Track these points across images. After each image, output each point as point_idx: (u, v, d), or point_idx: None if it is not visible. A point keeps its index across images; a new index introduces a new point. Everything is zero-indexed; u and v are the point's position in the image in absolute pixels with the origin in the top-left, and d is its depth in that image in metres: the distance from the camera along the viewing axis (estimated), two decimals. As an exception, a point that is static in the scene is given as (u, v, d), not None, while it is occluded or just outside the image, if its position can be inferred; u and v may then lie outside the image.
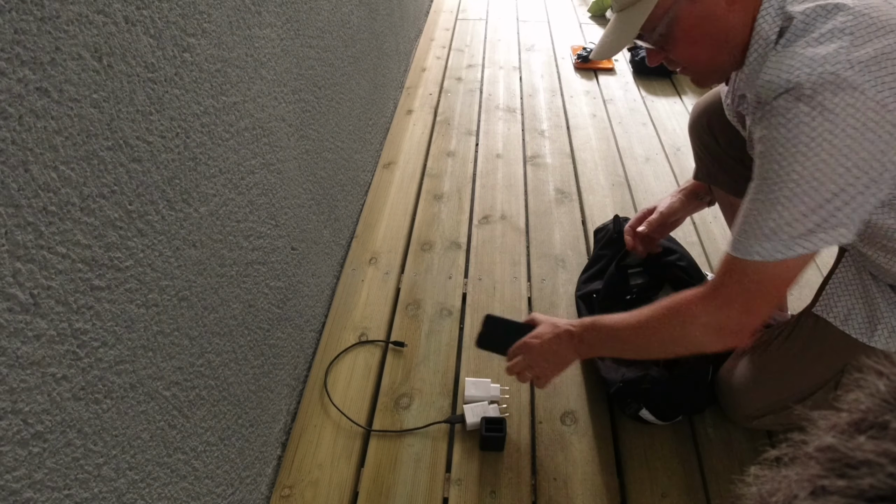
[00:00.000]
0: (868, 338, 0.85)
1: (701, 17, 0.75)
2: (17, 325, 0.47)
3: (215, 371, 0.80)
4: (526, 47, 2.63)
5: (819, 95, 0.64)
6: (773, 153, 0.68)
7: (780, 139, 0.67)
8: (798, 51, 0.67)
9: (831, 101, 0.63)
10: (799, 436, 0.25)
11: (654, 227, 1.17)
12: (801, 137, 0.65)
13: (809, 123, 0.64)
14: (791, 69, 0.66)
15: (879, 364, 0.25)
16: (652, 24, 0.77)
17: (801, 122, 0.65)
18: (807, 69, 0.65)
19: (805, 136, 0.65)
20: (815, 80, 0.64)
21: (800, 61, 0.66)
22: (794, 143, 0.66)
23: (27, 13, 0.45)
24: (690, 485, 1.00)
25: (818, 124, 0.64)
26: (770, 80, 0.68)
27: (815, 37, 0.66)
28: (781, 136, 0.67)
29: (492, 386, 1.13)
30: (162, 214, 0.65)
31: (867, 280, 0.87)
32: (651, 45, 0.81)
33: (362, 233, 1.54)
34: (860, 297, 0.87)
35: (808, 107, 0.64)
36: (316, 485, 1.00)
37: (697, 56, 0.79)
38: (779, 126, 0.67)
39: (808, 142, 0.65)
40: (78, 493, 0.55)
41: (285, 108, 1.02)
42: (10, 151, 0.45)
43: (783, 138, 0.67)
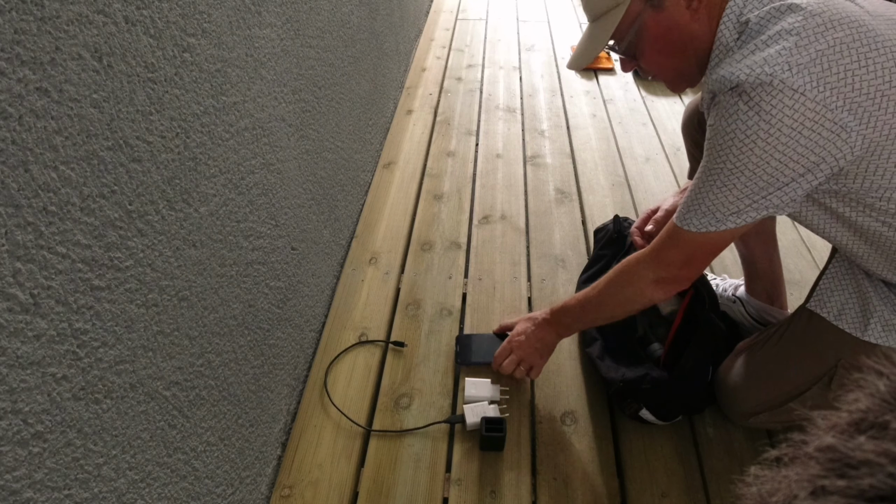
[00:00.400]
0: (861, 332, 0.86)
1: (666, 27, 0.80)
2: (17, 325, 0.47)
3: (215, 371, 0.80)
4: (526, 47, 2.63)
5: (757, 96, 0.68)
6: (714, 142, 0.75)
7: (720, 130, 0.73)
8: (746, 54, 0.71)
9: (768, 103, 0.67)
10: (799, 436, 0.25)
11: (660, 225, 1.17)
12: (737, 133, 0.71)
13: (746, 121, 0.70)
14: (738, 70, 0.70)
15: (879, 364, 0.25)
16: (621, 34, 0.83)
17: (738, 118, 0.70)
18: (748, 70, 0.69)
19: (740, 132, 0.70)
20: (754, 82, 0.68)
21: (745, 63, 0.70)
22: (732, 136, 0.71)
23: (27, 13, 0.45)
24: (690, 485, 1.00)
25: (753, 123, 0.69)
26: (718, 78, 0.73)
27: (764, 39, 0.70)
28: (721, 127, 0.73)
29: (492, 386, 1.13)
30: (162, 214, 0.65)
31: (860, 275, 0.87)
32: (621, 53, 0.86)
33: (362, 233, 1.54)
34: (853, 293, 0.88)
35: (746, 105, 0.69)
36: (316, 485, 1.00)
37: (664, 63, 0.85)
38: (720, 118, 0.73)
39: (744, 137, 0.70)
40: (78, 493, 0.55)
41: (285, 108, 1.02)
42: (10, 151, 0.45)
43: (723, 130, 0.72)
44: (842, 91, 0.66)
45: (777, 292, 1.20)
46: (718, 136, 0.73)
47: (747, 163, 0.71)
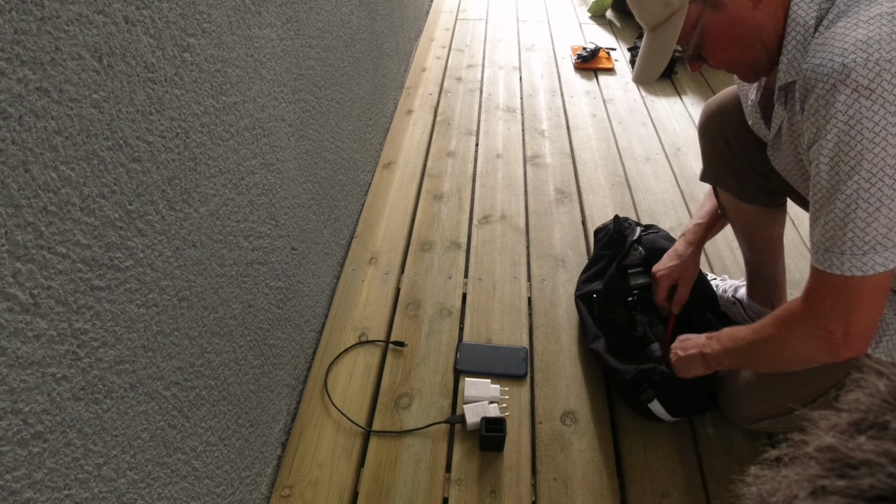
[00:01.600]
0: (872, 348, 0.82)
1: (728, 25, 0.76)
2: (17, 325, 0.47)
3: (215, 371, 0.80)
4: (526, 47, 2.63)
5: (879, 87, 0.62)
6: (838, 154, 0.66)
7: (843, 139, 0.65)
8: (848, 32, 0.65)
9: (891, 93, 0.62)
10: (799, 436, 0.25)
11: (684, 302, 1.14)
12: (865, 132, 0.63)
13: (871, 117, 0.62)
14: (844, 52, 0.64)
15: (879, 364, 0.25)
16: (684, 39, 0.79)
17: (864, 116, 0.63)
18: (862, 53, 0.63)
19: (868, 131, 0.63)
20: (872, 68, 0.62)
21: (852, 43, 0.64)
22: (859, 138, 0.63)
23: (27, 13, 0.45)
24: (690, 485, 1.00)
25: (881, 117, 0.62)
26: (820, 63, 0.66)
27: (864, 19, 0.65)
28: (845, 134, 0.64)
29: (491, 386, 1.13)
30: (162, 214, 0.65)
31: None
32: (689, 57, 0.83)
33: (362, 233, 1.54)
34: None
35: (868, 100, 0.62)
36: (316, 485, 1.00)
37: (733, 59, 0.81)
38: (840, 124, 0.65)
39: (873, 136, 0.63)
40: (78, 493, 0.55)
41: (285, 108, 1.02)
42: (10, 151, 0.45)
43: (847, 136, 0.64)
44: None
45: (778, 297, 1.20)
46: (842, 144, 0.65)
47: (885, 166, 0.62)
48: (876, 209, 0.64)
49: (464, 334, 1.26)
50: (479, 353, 1.21)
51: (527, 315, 1.31)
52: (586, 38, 2.72)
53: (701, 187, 1.71)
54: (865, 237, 0.66)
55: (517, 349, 1.22)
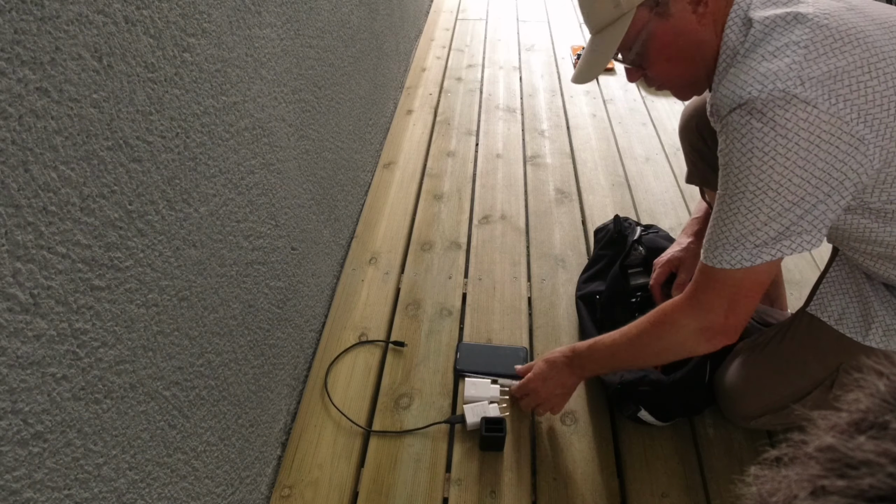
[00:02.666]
0: (863, 337, 0.85)
1: (674, 34, 0.78)
2: (17, 325, 0.47)
3: (215, 371, 0.80)
4: (526, 47, 2.63)
5: (770, 111, 0.66)
6: (730, 166, 0.71)
7: (735, 153, 0.70)
8: (753, 65, 0.69)
9: (782, 117, 0.65)
10: (799, 436, 0.25)
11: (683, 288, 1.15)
12: (755, 151, 0.67)
13: (762, 138, 0.67)
14: (744, 84, 0.68)
15: (879, 364, 0.25)
16: (627, 45, 0.80)
17: (753, 136, 0.67)
18: (759, 85, 0.67)
19: (758, 151, 0.67)
20: (766, 98, 0.66)
21: (752, 77, 0.68)
22: (749, 156, 0.68)
23: (27, 13, 0.45)
24: (690, 485, 1.00)
25: (770, 139, 0.66)
26: (725, 94, 0.71)
27: (771, 50, 0.68)
28: (737, 149, 0.69)
29: (491, 386, 1.13)
30: (162, 214, 0.65)
31: (861, 279, 0.87)
32: (628, 64, 0.84)
33: (362, 233, 1.54)
34: (854, 297, 0.87)
35: (759, 122, 0.67)
36: (316, 485, 1.00)
37: (673, 72, 0.82)
38: (734, 140, 0.70)
39: (762, 156, 0.67)
40: (78, 493, 0.55)
41: (285, 108, 1.02)
42: (10, 151, 0.45)
43: (738, 152, 0.69)
44: (855, 103, 0.65)
45: (777, 293, 1.20)
46: (735, 159, 0.70)
47: (769, 182, 0.68)
48: (754, 214, 0.70)
49: (464, 334, 1.26)
50: (479, 353, 1.21)
51: (527, 315, 1.31)
52: (586, 38, 2.72)
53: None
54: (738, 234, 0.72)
55: (517, 349, 1.22)
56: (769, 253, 0.72)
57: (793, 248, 0.71)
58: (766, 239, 0.71)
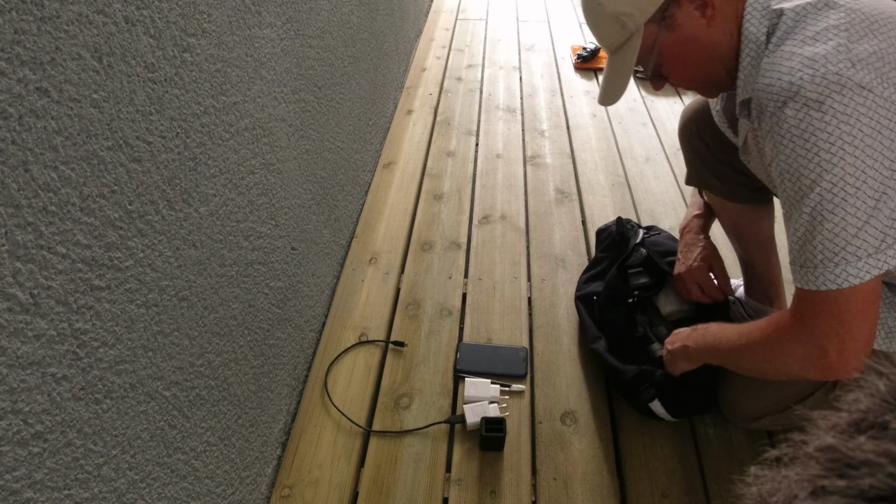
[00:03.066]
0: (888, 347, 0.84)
1: (684, 43, 0.77)
2: (17, 325, 0.47)
3: (215, 371, 0.80)
4: (526, 47, 2.63)
5: (828, 100, 0.62)
6: (798, 169, 0.66)
7: (798, 153, 0.65)
8: (794, 50, 0.66)
9: (841, 104, 0.62)
10: (799, 436, 0.25)
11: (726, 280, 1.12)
12: (821, 145, 0.63)
13: (825, 129, 0.62)
14: (791, 70, 0.65)
15: (879, 364, 0.25)
16: (643, 59, 0.81)
17: (816, 129, 0.63)
18: (809, 70, 0.63)
19: (824, 143, 0.63)
20: (819, 83, 0.62)
21: (798, 62, 0.65)
22: (815, 152, 0.64)
23: (27, 13, 0.45)
24: (690, 485, 1.00)
25: (833, 128, 0.62)
26: (770, 83, 0.67)
27: (810, 35, 0.65)
28: (800, 147, 0.65)
29: (491, 386, 1.13)
30: (162, 214, 0.65)
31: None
32: (649, 77, 0.84)
33: (362, 233, 1.54)
34: None
35: (819, 113, 0.62)
36: (316, 485, 1.00)
37: (693, 76, 0.83)
38: (794, 139, 0.65)
39: (829, 147, 0.63)
40: (78, 493, 0.55)
41: (285, 108, 1.02)
42: (10, 151, 0.45)
43: (802, 150, 0.64)
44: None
45: (776, 293, 1.20)
46: (800, 160, 0.65)
47: (844, 176, 0.63)
48: (842, 219, 0.64)
49: (464, 334, 1.26)
50: (479, 353, 1.21)
51: (527, 315, 1.31)
52: (586, 38, 2.72)
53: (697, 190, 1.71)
54: (835, 248, 0.65)
55: (517, 349, 1.22)
56: (876, 266, 0.64)
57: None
58: (868, 249, 0.64)
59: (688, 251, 1.13)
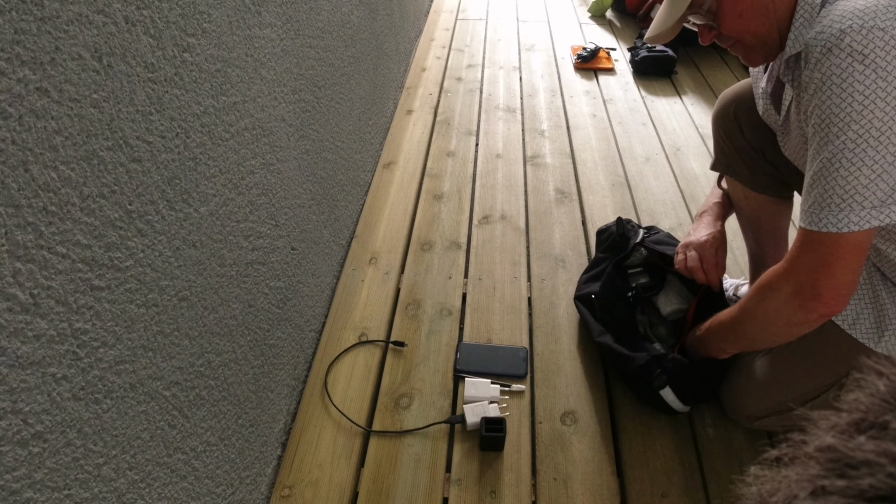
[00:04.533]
0: (875, 343, 0.84)
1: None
2: (17, 325, 0.47)
3: (215, 371, 0.80)
4: (526, 47, 2.63)
5: (871, 53, 0.64)
6: (828, 116, 0.68)
7: (833, 100, 0.67)
8: (848, 5, 0.67)
9: (883, 59, 0.63)
10: (799, 436, 0.25)
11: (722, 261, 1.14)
12: (855, 95, 0.65)
13: (862, 81, 0.64)
14: (842, 19, 0.66)
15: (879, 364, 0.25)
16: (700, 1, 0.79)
17: (854, 79, 0.65)
18: (857, 20, 0.65)
19: (858, 94, 0.65)
20: (866, 35, 0.64)
21: (850, 12, 0.66)
22: (849, 101, 0.65)
23: (27, 13, 0.45)
24: (690, 485, 1.00)
25: (871, 81, 0.64)
26: (819, 31, 0.68)
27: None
28: (836, 95, 0.66)
29: (491, 386, 1.13)
30: (162, 214, 0.65)
31: (877, 283, 0.85)
32: (701, 22, 0.82)
33: (362, 233, 1.54)
34: (869, 301, 0.86)
35: (861, 65, 0.64)
36: (316, 485, 1.00)
37: (746, 28, 0.80)
38: (832, 86, 0.67)
39: (862, 99, 0.64)
40: (78, 493, 0.55)
41: (285, 108, 1.02)
42: (10, 151, 0.45)
43: (837, 98, 0.66)
44: None
45: None
46: (833, 107, 0.67)
47: (870, 129, 0.64)
48: (857, 169, 0.66)
49: (464, 334, 1.26)
50: (479, 353, 1.21)
51: (527, 315, 1.31)
52: (586, 38, 2.72)
53: (700, 188, 1.71)
54: (844, 195, 0.68)
55: (517, 349, 1.22)
56: (878, 218, 0.67)
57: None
58: (874, 201, 0.67)
59: (701, 228, 1.15)
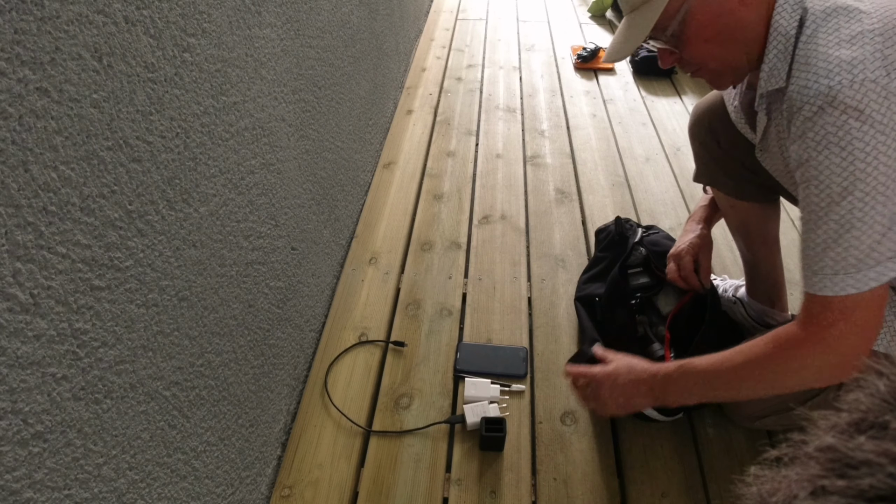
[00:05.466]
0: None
1: (714, 14, 0.73)
2: (17, 325, 0.47)
3: (215, 371, 0.80)
4: (526, 47, 2.63)
5: (867, 108, 0.62)
6: (829, 176, 0.65)
7: (833, 159, 0.64)
8: (830, 52, 0.65)
9: (878, 112, 0.62)
10: (799, 436, 0.25)
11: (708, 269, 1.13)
12: (857, 153, 0.63)
13: (862, 138, 0.62)
14: (829, 73, 0.64)
15: (879, 364, 0.25)
16: (664, 24, 0.76)
17: (853, 137, 0.62)
18: (848, 75, 0.63)
19: (860, 153, 0.62)
20: (859, 90, 0.62)
21: (836, 65, 0.64)
22: (850, 160, 0.63)
23: (27, 13, 0.45)
24: (690, 485, 1.00)
25: (871, 138, 0.62)
26: (805, 84, 0.66)
27: (846, 38, 0.64)
28: (835, 154, 0.64)
29: (491, 386, 1.13)
30: (162, 214, 0.65)
31: None
32: (663, 45, 0.79)
33: (362, 233, 1.54)
34: None
35: (857, 121, 0.62)
36: (316, 485, 1.00)
37: (711, 54, 0.77)
38: (830, 145, 0.64)
39: (864, 156, 0.62)
40: (78, 493, 0.55)
41: (285, 108, 1.02)
42: (10, 151, 0.45)
43: (837, 157, 0.64)
44: None
45: (778, 295, 1.20)
46: (833, 167, 0.65)
47: (877, 185, 0.63)
48: (869, 227, 0.65)
49: (464, 334, 1.26)
50: (479, 353, 1.21)
51: (527, 315, 1.31)
52: (586, 38, 2.72)
53: (700, 188, 1.71)
54: (859, 254, 0.66)
55: (517, 349, 1.22)
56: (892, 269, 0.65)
57: None
58: (888, 254, 0.65)
59: (683, 236, 1.17)
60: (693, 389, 0.83)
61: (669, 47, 0.79)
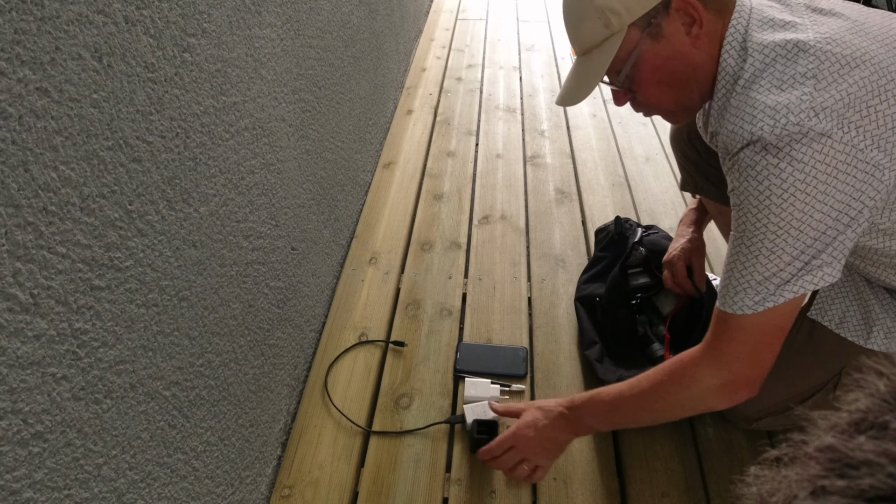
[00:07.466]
0: (864, 340, 0.85)
1: (666, 57, 0.73)
2: (17, 325, 0.47)
3: (215, 371, 0.80)
4: (526, 47, 2.63)
5: (786, 147, 0.63)
6: (747, 206, 0.68)
7: (752, 192, 0.67)
8: (759, 98, 0.66)
9: (799, 152, 0.63)
10: (799, 436, 0.25)
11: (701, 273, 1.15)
12: (773, 189, 0.65)
13: (779, 175, 0.64)
14: (753, 119, 0.66)
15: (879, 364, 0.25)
16: (616, 67, 0.76)
17: (770, 173, 0.65)
18: (770, 120, 0.64)
19: (776, 188, 0.65)
20: (780, 133, 0.63)
21: (761, 110, 0.65)
22: (767, 195, 0.66)
23: (27, 13, 0.45)
24: (690, 485, 1.00)
25: (788, 175, 0.64)
26: (733, 129, 0.68)
27: (776, 83, 0.66)
28: (753, 188, 0.67)
29: (491, 386, 1.13)
30: (162, 214, 0.65)
31: (860, 283, 0.86)
32: (617, 87, 0.79)
33: (362, 233, 1.54)
34: (854, 300, 0.87)
35: (775, 158, 0.64)
36: (316, 485, 1.00)
37: (665, 96, 0.77)
38: (749, 178, 0.67)
39: (781, 192, 0.65)
40: (78, 493, 0.55)
41: (285, 108, 1.02)
42: (10, 151, 0.45)
43: (755, 191, 0.66)
44: (867, 129, 0.63)
45: None
46: (751, 199, 0.67)
47: (791, 220, 0.65)
48: (778, 257, 0.68)
49: (464, 334, 1.26)
50: (479, 353, 1.21)
51: (527, 315, 1.31)
52: (586, 38, 2.72)
53: (701, 187, 1.71)
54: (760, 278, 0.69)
55: (517, 349, 1.22)
56: (791, 290, 0.68)
57: (815, 283, 0.68)
58: (787, 277, 0.68)
59: (675, 241, 1.18)
60: (604, 416, 0.86)
61: (623, 90, 0.79)
